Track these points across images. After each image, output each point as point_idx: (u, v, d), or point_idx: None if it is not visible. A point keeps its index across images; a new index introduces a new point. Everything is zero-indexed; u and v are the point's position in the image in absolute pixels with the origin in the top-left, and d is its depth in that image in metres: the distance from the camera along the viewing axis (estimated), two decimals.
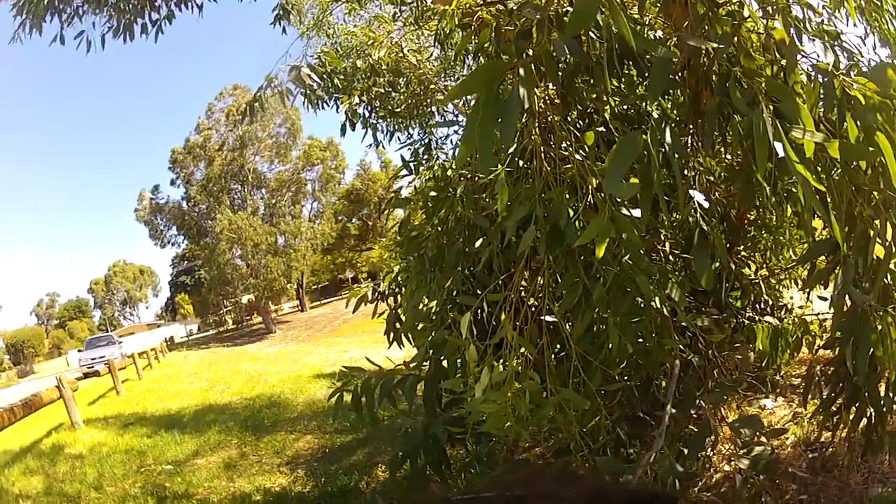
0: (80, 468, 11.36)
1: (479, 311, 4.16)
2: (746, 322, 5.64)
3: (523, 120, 3.68)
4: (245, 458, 10.42)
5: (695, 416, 4.85)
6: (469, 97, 8.44)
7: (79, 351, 54.75)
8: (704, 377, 5.03)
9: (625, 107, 4.35)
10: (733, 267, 5.31)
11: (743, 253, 5.86)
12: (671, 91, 4.34)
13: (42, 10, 8.04)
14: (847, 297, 3.58)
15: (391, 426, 9.25)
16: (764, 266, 6.25)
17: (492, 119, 2.58)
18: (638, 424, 5.01)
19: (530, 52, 3.16)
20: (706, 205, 4.00)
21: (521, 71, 2.75)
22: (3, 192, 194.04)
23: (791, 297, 6.65)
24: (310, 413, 13.52)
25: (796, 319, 6.22)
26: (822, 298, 5.36)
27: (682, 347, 4.45)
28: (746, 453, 4.09)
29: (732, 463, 4.70)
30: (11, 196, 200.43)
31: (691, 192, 3.95)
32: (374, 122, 10.26)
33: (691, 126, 4.21)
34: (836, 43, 3.77)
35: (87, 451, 12.92)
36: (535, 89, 3.63)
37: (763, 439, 4.19)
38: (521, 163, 3.90)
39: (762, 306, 6.05)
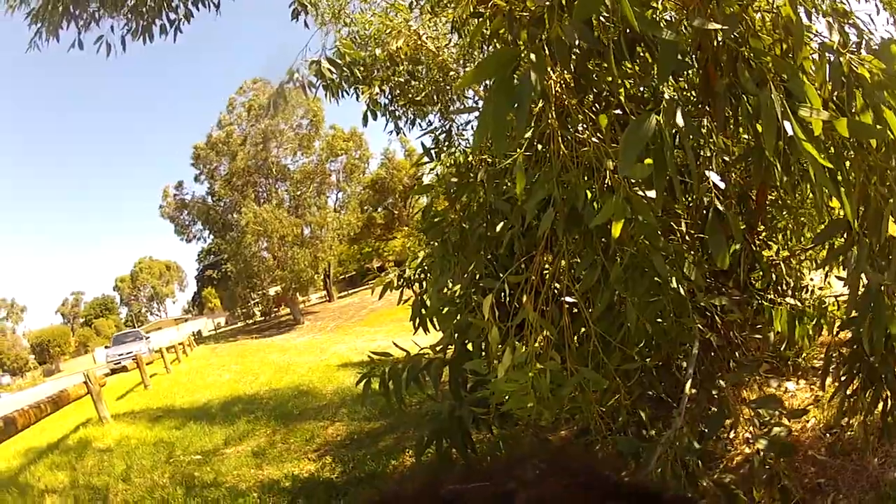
0: (108, 461, 11.41)
1: (502, 293, 4.19)
2: (766, 303, 5.64)
3: (539, 104, 3.71)
4: (273, 446, 10.47)
5: (715, 396, 4.86)
6: (489, 82, 8.50)
7: (106, 347, 54.95)
8: (724, 358, 5.03)
9: (640, 89, 4.36)
10: (753, 248, 5.30)
11: (763, 234, 5.83)
12: (685, 72, 4.35)
13: (58, 17, 8.05)
14: (863, 276, 3.58)
15: (419, 411, 9.30)
16: (784, 247, 6.22)
17: (505, 104, 2.62)
18: (660, 406, 5.03)
19: (543, 38, 3.18)
20: (722, 185, 4.00)
21: (533, 57, 2.77)
22: (25, 192, 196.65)
23: (812, 279, 6.61)
24: (338, 401, 13.59)
25: (816, 301, 6.20)
26: (841, 279, 5.35)
27: (700, 328, 4.45)
28: (765, 434, 4.10)
29: (752, 444, 4.72)
30: (33, 196, 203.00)
31: (707, 172, 3.96)
32: (395, 110, 10.28)
33: (706, 107, 4.21)
34: (846, 21, 3.76)
35: (114, 444, 12.98)
36: (552, 73, 3.65)
37: (783, 421, 4.21)
38: (539, 146, 3.93)
39: (783, 287, 6.03)
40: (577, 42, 3.34)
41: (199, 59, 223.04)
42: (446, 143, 7.22)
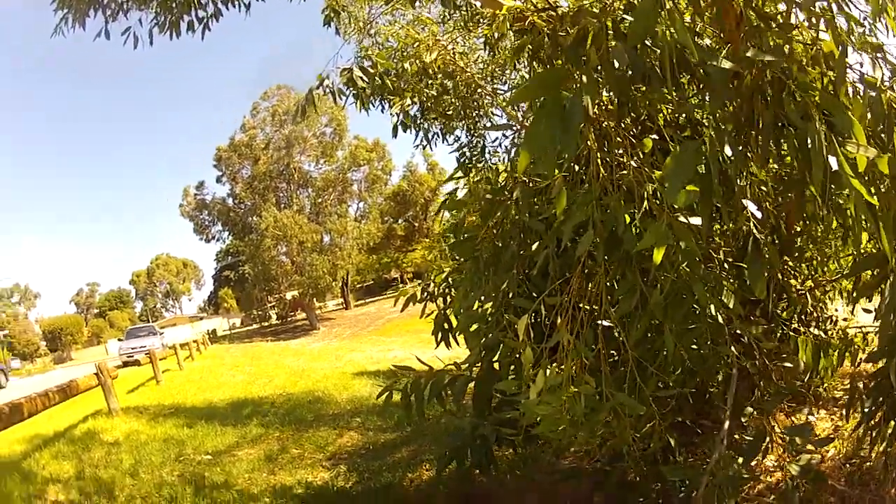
0: (115, 454, 11.22)
1: (535, 314, 4.17)
2: (792, 333, 5.62)
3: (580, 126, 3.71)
4: (286, 451, 10.31)
5: (744, 424, 4.85)
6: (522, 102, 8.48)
7: (119, 340, 54.98)
8: (755, 386, 5.02)
9: (676, 115, 4.35)
10: (781, 277, 5.28)
11: (790, 263, 5.81)
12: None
13: (85, 5, 8.07)
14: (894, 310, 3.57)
15: (436, 425, 9.28)
16: (809, 277, 6.20)
17: (555, 125, 2.61)
18: (685, 432, 5.02)
19: (585, 59, 3.18)
20: (759, 215, 3.98)
21: (584, 77, 2.78)
22: (47, 180, 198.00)
23: (836, 310, 6.58)
24: (353, 410, 13.39)
25: (840, 332, 6.17)
26: (867, 311, 5.32)
27: (737, 355, 4.45)
28: (797, 461, 4.10)
29: (774, 473, 4.71)
30: (54, 185, 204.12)
31: (743, 201, 3.95)
32: (426, 124, 10.25)
33: (742, 136, 4.20)
34: (879, 55, 3.76)
35: (123, 437, 12.78)
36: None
37: (809, 448, 4.21)
38: (576, 168, 3.92)
39: (807, 318, 6.02)
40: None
41: (226, 58, 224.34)
42: (478, 159, 7.19)
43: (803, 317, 5.98)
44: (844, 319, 6.39)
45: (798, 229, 5.60)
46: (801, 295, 5.87)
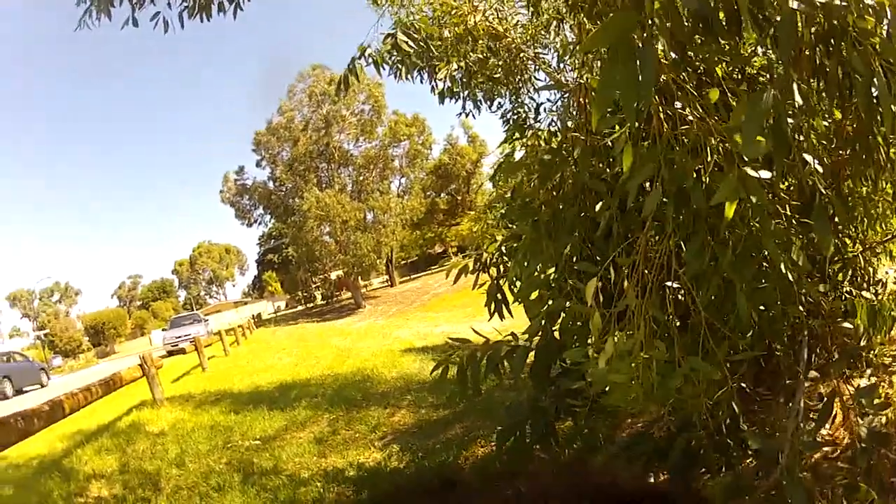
0: (161, 445, 11.25)
1: (599, 278, 4.09)
2: (848, 295, 5.53)
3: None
4: (336, 433, 10.21)
5: (807, 388, 4.79)
6: (564, 64, 8.42)
7: (163, 330, 55.71)
8: (814, 350, 4.95)
9: (732, 68, 4.27)
10: (837, 238, 5.20)
11: (840, 224, 5.72)
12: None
13: None
14: None
15: (488, 400, 9.20)
16: (858, 239, 6.08)
17: (630, 70, 2.55)
18: (745, 399, 4.95)
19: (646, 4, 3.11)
20: (820, 169, 3.91)
21: (655, 20, 2.73)
22: (80, 179, 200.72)
23: (887, 272, 6.46)
24: (402, 387, 13.24)
25: (891, 295, 6.06)
26: None
27: (805, 315, 4.41)
28: (864, 425, 4.06)
29: (832, 439, 4.65)
30: (90, 185, 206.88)
31: (805, 155, 3.88)
32: (472, 88, 10.09)
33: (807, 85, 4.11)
34: None
35: (168, 427, 12.85)
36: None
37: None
38: (636, 123, 3.85)
39: (859, 280, 5.91)
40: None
41: (257, 44, 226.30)
42: (534, 119, 7.13)
43: (855, 279, 5.88)
44: (894, 282, 6.27)
45: (849, 186, 5.52)
46: (854, 256, 5.77)
